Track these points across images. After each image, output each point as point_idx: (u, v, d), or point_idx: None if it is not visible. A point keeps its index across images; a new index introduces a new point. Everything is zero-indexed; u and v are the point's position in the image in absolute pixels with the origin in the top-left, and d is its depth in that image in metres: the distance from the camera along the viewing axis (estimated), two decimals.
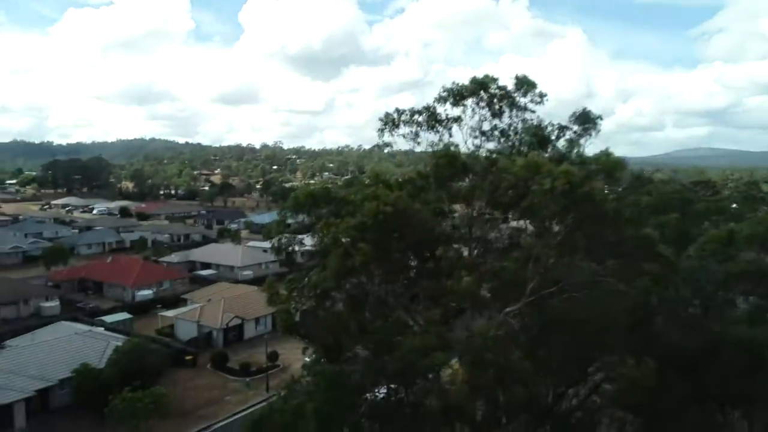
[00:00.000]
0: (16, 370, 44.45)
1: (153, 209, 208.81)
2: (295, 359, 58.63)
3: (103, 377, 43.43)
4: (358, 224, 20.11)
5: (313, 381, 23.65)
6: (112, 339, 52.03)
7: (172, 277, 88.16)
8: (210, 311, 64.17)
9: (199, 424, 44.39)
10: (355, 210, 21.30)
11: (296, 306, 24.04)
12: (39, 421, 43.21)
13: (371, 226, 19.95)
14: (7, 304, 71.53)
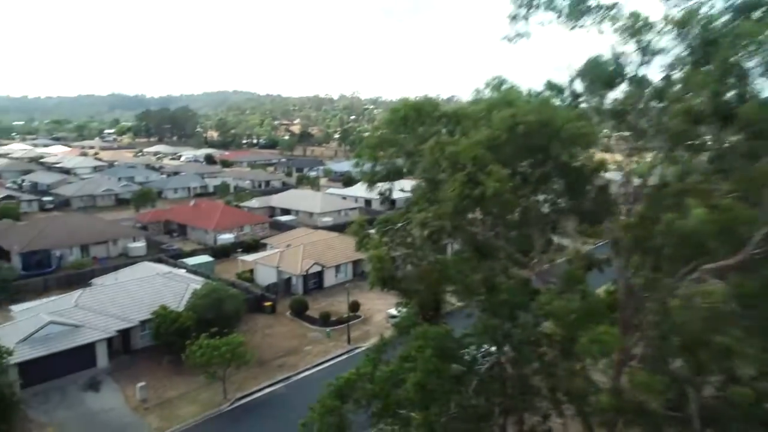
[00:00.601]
0: (99, 310, 43.69)
1: (235, 157, 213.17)
2: (376, 311, 55.13)
3: (181, 321, 41.60)
4: (486, 139, 14.60)
5: (414, 345, 18.88)
6: (192, 282, 50.52)
7: (252, 221, 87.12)
8: (290, 257, 61.66)
9: (277, 375, 41.92)
10: (476, 125, 15.71)
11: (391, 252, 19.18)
12: (120, 362, 42.44)
13: (504, 143, 14.41)
14: (98, 243, 73.04)
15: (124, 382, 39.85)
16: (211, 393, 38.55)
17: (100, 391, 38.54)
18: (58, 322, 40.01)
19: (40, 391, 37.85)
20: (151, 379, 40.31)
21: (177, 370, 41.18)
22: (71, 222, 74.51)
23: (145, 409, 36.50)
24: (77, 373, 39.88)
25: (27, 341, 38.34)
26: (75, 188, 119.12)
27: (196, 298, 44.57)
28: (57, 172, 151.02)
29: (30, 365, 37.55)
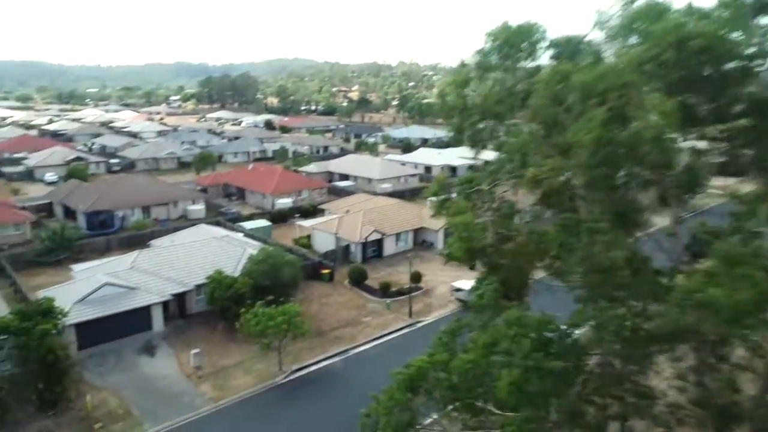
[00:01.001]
0: (155, 272, 42.55)
1: (294, 123, 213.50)
2: (439, 282, 51.69)
3: (237, 286, 39.71)
4: (639, 60, 10.46)
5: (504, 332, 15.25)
6: (248, 246, 48.70)
7: (310, 186, 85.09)
8: (348, 223, 58.92)
9: (334, 347, 39.49)
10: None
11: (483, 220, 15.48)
12: (175, 327, 41.28)
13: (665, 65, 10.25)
14: (159, 205, 73.08)
15: (179, 347, 38.59)
16: (265, 363, 36.61)
17: (155, 355, 37.42)
18: (114, 284, 39.02)
19: (96, 353, 37.12)
20: (206, 345, 38.84)
21: (231, 337, 39.54)
22: (134, 183, 74.84)
23: (198, 378, 34.98)
24: (133, 336, 38.96)
25: (83, 302, 37.54)
26: (140, 151, 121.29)
27: (252, 264, 42.58)
28: (124, 136, 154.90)
29: (87, 326, 36.79)
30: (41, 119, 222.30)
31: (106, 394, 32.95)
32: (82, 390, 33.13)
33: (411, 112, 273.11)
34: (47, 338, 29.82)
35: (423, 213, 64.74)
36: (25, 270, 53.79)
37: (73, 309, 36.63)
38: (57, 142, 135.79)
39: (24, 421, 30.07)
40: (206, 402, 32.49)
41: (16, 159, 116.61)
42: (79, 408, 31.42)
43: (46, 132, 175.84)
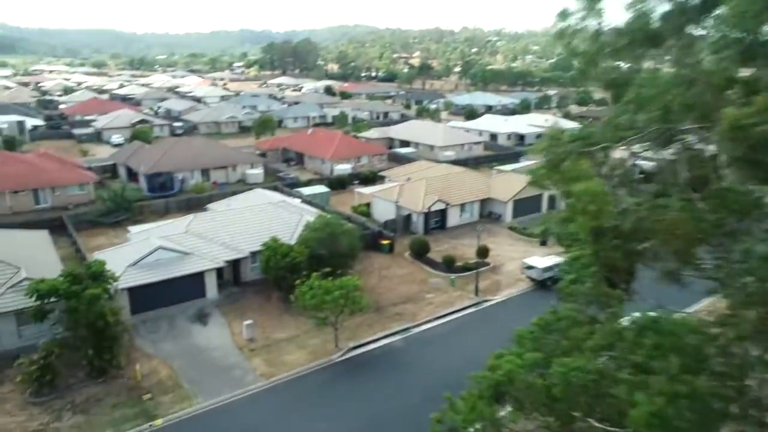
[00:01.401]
0: (210, 237, 40.80)
1: (354, 89, 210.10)
2: (508, 258, 47.57)
3: (292, 255, 37.27)
4: None
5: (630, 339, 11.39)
6: (306, 213, 46.20)
7: (370, 152, 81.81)
8: (410, 191, 55.37)
9: (394, 325, 36.54)
10: None
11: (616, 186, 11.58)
12: (229, 295, 39.54)
13: None
14: (218, 168, 72.12)
15: (232, 316, 36.79)
16: (321, 339, 34.18)
17: (207, 324, 35.77)
18: (168, 248, 37.48)
19: (149, 318, 35.90)
20: (259, 316, 36.86)
21: (286, 308, 37.37)
22: (195, 146, 74.07)
23: (251, 350, 33.01)
24: (186, 303, 37.49)
25: (137, 266, 36.21)
26: (202, 115, 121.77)
27: (309, 231, 39.98)
28: (189, 101, 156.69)
29: (139, 291, 35.49)
30: (113, 84, 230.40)
31: (156, 363, 31.52)
32: (132, 357, 31.88)
33: (474, 79, 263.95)
34: (97, 303, 28.36)
35: (490, 183, 60.19)
36: (87, 230, 53.91)
37: (126, 273, 35.36)
38: (125, 105, 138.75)
39: (74, 387, 29.02)
40: (257, 378, 30.43)
41: (86, 121, 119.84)
42: (128, 376, 30.11)
43: (116, 96, 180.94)
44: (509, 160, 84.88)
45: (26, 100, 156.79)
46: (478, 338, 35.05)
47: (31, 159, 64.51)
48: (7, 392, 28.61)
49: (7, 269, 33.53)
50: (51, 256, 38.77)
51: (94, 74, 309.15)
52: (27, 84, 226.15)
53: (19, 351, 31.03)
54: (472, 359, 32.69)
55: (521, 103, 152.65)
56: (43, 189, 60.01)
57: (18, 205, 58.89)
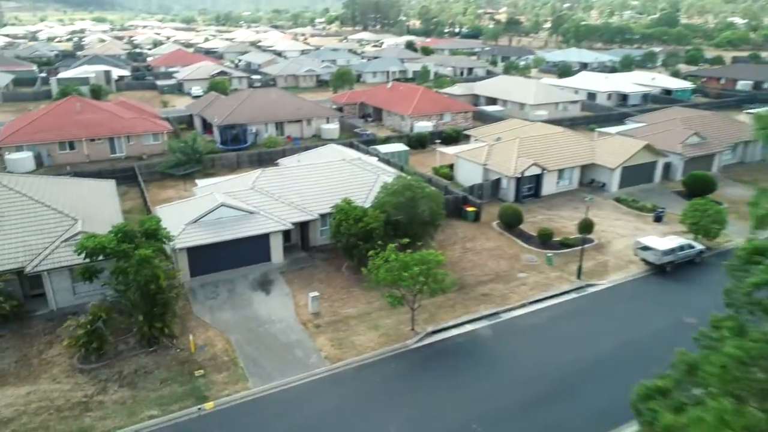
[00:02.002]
0: (277, 195, 36.91)
1: (436, 45, 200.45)
2: (616, 236, 40.55)
3: (366, 221, 32.58)
4: None
5: None
6: (382, 173, 41.26)
7: (453, 109, 75.11)
8: (500, 153, 48.89)
9: (480, 308, 31.25)
10: None
11: None
12: (295, 261, 35.69)
13: None
14: (292, 122, 68.54)
15: (297, 285, 32.92)
16: (395, 319, 29.61)
17: (270, 293, 32.12)
18: (231, 206, 33.91)
19: (209, 282, 32.77)
20: (327, 287, 32.77)
21: (357, 280, 33.04)
22: (270, 98, 70.68)
23: (316, 327, 29.01)
24: (249, 266, 34.08)
25: (197, 223, 32.96)
26: (280, 67, 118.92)
27: (387, 194, 35.00)
28: (269, 54, 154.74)
29: (200, 252, 32.31)
30: (198, 38, 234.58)
31: (212, 334, 28.26)
32: (188, 325, 28.82)
33: (566, 36, 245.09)
34: (147, 264, 25.09)
35: (594, 146, 52.31)
36: (158, 182, 52.16)
37: (185, 231, 32.20)
38: (208, 58, 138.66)
39: (124, 355, 26.32)
40: (322, 361, 26.39)
41: (169, 73, 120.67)
42: (181, 347, 27.05)
43: (200, 50, 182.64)
44: (611, 122, 75.36)
45: (117, 53, 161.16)
46: (582, 333, 29.13)
47: (108, 107, 63.63)
48: (56, 355, 26.37)
49: (64, 221, 31.27)
50: (113, 207, 36.45)
51: (182, 29, 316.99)
52: (121, 38, 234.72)
53: (75, 309, 28.89)
54: (575, 359, 26.92)
55: (622, 60, 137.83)
56: (119, 138, 58.88)
57: (94, 153, 58.22)
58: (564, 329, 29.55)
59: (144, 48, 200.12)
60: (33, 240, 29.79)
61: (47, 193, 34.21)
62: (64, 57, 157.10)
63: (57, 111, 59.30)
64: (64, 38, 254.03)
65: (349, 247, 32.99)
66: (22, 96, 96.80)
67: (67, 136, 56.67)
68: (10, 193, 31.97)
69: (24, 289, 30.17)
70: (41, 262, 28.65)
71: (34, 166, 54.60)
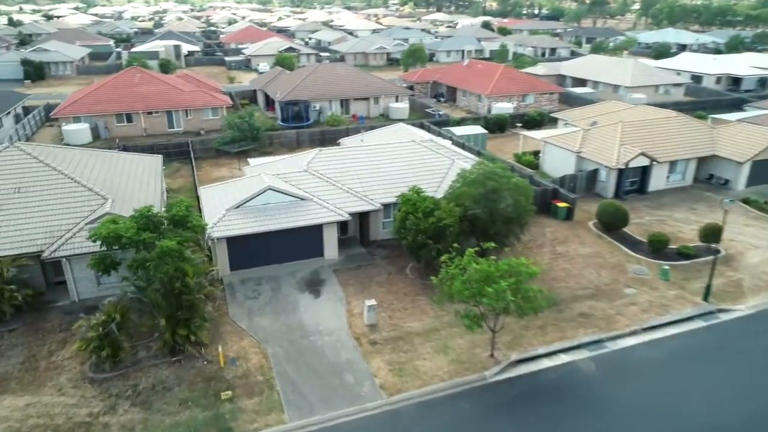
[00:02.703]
0: (335, 179, 31.70)
1: (514, 25, 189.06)
2: (747, 247, 32.43)
3: (438, 215, 26.67)
4: None
5: None
6: (458, 158, 35.10)
7: (537, 90, 67.14)
8: (598, 140, 41.33)
9: (578, 332, 24.71)
10: None
11: None
12: (351, 257, 30.35)
13: None
14: (358, 99, 63.29)
15: (352, 288, 27.60)
16: (469, 340, 23.72)
17: (320, 295, 26.99)
18: (279, 190, 28.95)
19: (251, 277, 28.08)
20: (387, 293, 27.25)
21: (424, 287, 27.36)
22: (336, 73, 65.65)
23: (371, 344, 23.62)
24: (297, 262, 29.13)
25: (240, 209, 28.27)
26: (349, 45, 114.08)
27: (464, 184, 28.85)
28: (340, 32, 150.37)
29: (241, 242, 27.62)
30: (272, 18, 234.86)
31: (247, 344, 23.50)
32: (220, 331, 24.21)
33: (657, 17, 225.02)
34: (170, 258, 20.49)
35: (714, 135, 43.50)
36: (212, 159, 48.52)
37: (225, 218, 27.59)
38: (278, 35, 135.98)
39: (143, 364, 22.04)
40: (376, 391, 20.97)
41: (237, 49, 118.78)
42: (209, 358, 22.45)
43: (273, 28, 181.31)
44: (722, 109, 64.91)
45: (193, 30, 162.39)
46: (719, 381, 22.04)
47: (168, 79, 60.86)
48: (68, 358, 22.47)
49: (92, 199, 27.45)
50: (155, 186, 32.52)
51: (258, 11, 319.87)
52: (199, 18, 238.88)
53: (98, 302, 24.96)
54: (713, 425, 19.23)
55: (729, 41, 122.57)
56: (176, 111, 55.81)
57: (151, 127, 55.50)
58: (692, 372, 22.52)
59: (219, 27, 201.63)
60: (56, 220, 26.12)
61: (83, 168, 30.64)
62: (142, 34, 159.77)
63: (115, 82, 57.00)
64: (146, 18, 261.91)
65: (416, 246, 27.20)
66: (95, 69, 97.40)
67: (124, 108, 54.14)
68: (38, 166, 28.51)
69: (47, 275, 26.68)
70: (60, 246, 24.87)
71: (90, 138, 52.48)
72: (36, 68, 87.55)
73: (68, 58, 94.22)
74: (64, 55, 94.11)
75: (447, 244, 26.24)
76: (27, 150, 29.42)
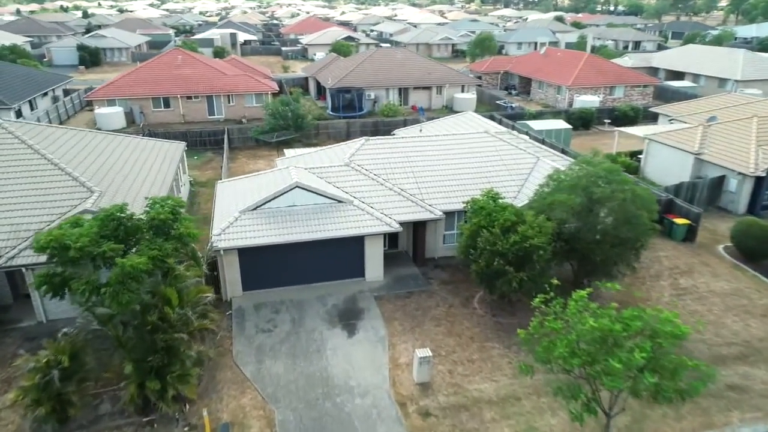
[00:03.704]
0: (383, 177, 24.73)
1: (590, 20, 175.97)
2: None
3: (523, 231, 19.03)
4: None
5: None
6: (544, 155, 27.30)
7: (627, 81, 57.60)
8: (724, 138, 32.24)
9: (731, 416, 16.63)
10: None
11: None
12: (399, 279, 23.17)
13: None
14: (419, 88, 56.12)
15: (399, 326, 20.45)
16: (566, 420, 16.04)
17: (355, 333, 20.01)
18: (309, 189, 22.21)
19: (267, 302, 21.48)
20: (447, 334, 19.93)
21: (499, 328, 19.90)
22: (394, 59, 58.74)
23: (423, 416, 16.43)
24: (330, 282, 22.35)
25: (258, 211, 21.77)
26: (412, 35, 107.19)
27: (557, 189, 21.05)
28: (402, 24, 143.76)
29: (259, 254, 21.11)
30: (335, 13, 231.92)
31: (249, 402, 16.87)
32: (216, 379, 17.71)
33: (751, 14, 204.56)
34: (135, 283, 14.14)
35: None
36: (251, 150, 42.84)
37: (238, 221, 21.15)
38: (339, 26, 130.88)
39: (100, 425, 15.84)
40: None
41: (295, 40, 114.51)
42: (192, 422, 15.97)
43: (335, 21, 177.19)
44: None
45: (254, 23, 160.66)
46: None
47: (212, 62, 55.94)
48: (8, 407, 16.57)
49: (76, 192, 21.72)
50: (164, 178, 26.67)
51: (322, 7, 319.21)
52: (264, 13, 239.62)
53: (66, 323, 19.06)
54: None
55: None
56: (217, 96, 50.58)
57: (190, 113, 50.50)
58: None
59: (282, 21, 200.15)
60: (27, 217, 20.51)
61: (82, 154, 25.16)
62: (206, 26, 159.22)
63: (155, 64, 52.54)
64: (214, 13, 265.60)
65: (491, 273, 19.69)
66: (151, 56, 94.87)
67: (161, 91, 49.37)
68: (21, 149, 23.13)
69: (16, 286, 21.17)
70: (22, 252, 19.15)
71: (124, 123, 48.01)
72: (91, 54, 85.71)
73: (124, 45, 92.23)
74: (120, 42, 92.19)
75: (535, 274, 18.71)
76: (13, 130, 24.13)
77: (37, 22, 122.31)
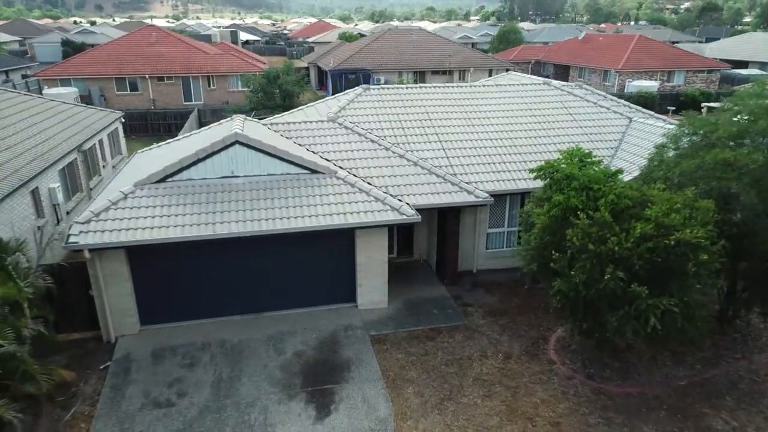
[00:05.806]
0: (387, 141, 15.38)
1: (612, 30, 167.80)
2: None
3: (658, 218, 9.54)
4: None
5: None
6: (637, 116, 17.84)
7: (689, 66, 48.21)
8: None
9: None
10: None
11: None
12: (415, 304, 13.61)
13: None
14: (436, 73, 47.37)
15: (416, 401, 10.88)
16: None
17: (329, 414, 10.48)
18: (260, 148, 12.87)
19: (178, 346, 12.02)
20: (506, 418, 10.25)
21: (603, 401, 10.19)
22: (408, 40, 50.22)
23: None
24: (297, 311, 12.87)
25: (164, 184, 12.51)
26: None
27: (692, 151, 11.49)
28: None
29: (167, 258, 11.80)
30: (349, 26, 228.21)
31: None
32: None
33: None
34: None
35: None
36: None
37: (127, 200, 11.89)
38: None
39: None
40: None
41: (300, 42, 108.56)
42: None
43: None
44: None
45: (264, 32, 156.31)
46: None
47: (193, 42, 47.64)
48: None
49: None
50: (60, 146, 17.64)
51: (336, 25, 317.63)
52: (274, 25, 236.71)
53: None
54: None
55: None
56: (195, 78, 41.94)
57: (162, 97, 41.81)
58: None
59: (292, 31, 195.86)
60: None
61: None
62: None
63: (124, 40, 44.41)
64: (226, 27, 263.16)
65: (594, 298, 10.04)
66: None
67: (127, 70, 40.85)
68: None
69: None
70: None
71: None
72: (75, 49, 78.15)
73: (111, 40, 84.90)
74: (108, 38, 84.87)
75: (690, 301, 9.18)
76: None
77: (33, 24, 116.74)
